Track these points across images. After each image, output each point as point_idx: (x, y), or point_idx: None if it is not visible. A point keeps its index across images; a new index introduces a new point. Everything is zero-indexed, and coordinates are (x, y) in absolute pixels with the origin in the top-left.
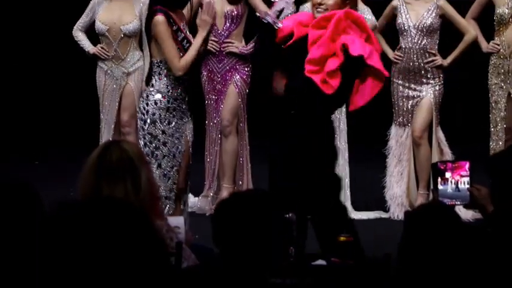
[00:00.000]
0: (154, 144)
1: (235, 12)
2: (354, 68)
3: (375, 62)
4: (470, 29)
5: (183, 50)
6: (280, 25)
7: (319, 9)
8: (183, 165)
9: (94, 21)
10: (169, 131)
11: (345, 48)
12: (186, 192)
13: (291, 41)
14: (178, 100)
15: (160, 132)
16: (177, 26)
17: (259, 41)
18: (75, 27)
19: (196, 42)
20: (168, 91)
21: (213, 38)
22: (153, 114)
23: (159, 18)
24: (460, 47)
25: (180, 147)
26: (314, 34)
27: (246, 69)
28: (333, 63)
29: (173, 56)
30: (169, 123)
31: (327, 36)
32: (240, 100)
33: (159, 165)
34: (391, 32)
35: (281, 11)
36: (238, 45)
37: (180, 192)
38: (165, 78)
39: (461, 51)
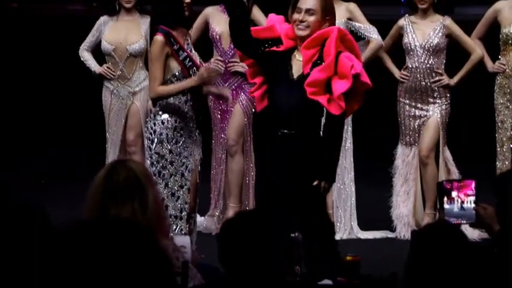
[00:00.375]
0: (161, 164)
1: None
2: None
3: (366, 77)
4: (477, 48)
5: (185, 69)
6: None
7: (300, 26)
8: (192, 183)
9: (100, 41)
10: (176, 150)
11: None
12: (194, 212)
13: (279, 50)
14: (185, 119)
15: (168, 152)
16: (178, 45)
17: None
18: (81, 47)
19: (183, 84)
20: (175, 110)
21: (218, 58)
22: (161, 133)
23: (157, 38)
24: (466, 67)
25: (189, 165)
26: (307, 54)
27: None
28: (342, 86)
29: (154, 78)
30: (176, 142)
31: (332, 60)
32: (245, 119)
33: (167, 185)
34: (397, 51)
35: None
36: (243, 64)
37: (190, 211)
38: (172, 98)
39: (468, 70)
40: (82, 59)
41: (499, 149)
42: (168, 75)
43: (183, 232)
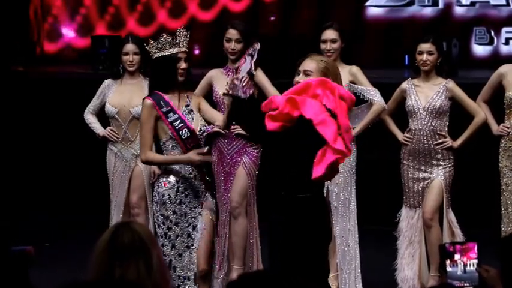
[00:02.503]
0: (166, 225)
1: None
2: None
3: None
4: (480, 111)
5: (174, 130)
6: (250, 92)
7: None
8: (203, 244)
9: (104, 104)
10: (180, 211)
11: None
12: (210, 274)
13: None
14: (188, 179)
15: (172, 213)
16: (169, 107)
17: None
18: (86, 110)
19: (172, 159)
20: (177, 171)
21: None
22: (163, 195)
23: (145, 101)
24: (470, 129)
25: (196, 226)
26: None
27: (255, 151)
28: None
29: (144, 143)
30: (180, 203)
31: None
32: (249, 181)
33: (173, 246)
34: (400, 113)
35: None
36: None
37: (204, 273)
38: None
39: (471, 133)
40: (86, 121)
41: (503, 211)
42: (164, 137)
43: None
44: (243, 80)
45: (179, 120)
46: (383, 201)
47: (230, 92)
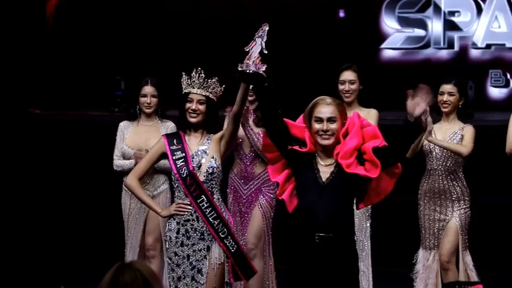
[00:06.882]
0: (170, 267)
1: (262, 135)
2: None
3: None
4: (462, 148)
5: (175, 168)
6: (263, 68)
7: (324, 136)
8: None
9: None
10: (182, 253)
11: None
12: None
13: (302, 150)
14: (190, 221)
15: (173, 255)
16: (180, 146)
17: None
18: (114, 159)
19: (148, 203)
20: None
21: (238, 161)
22: (166, 236)
23: (161, 137)
24: (445, 144)
25: (202, 269)
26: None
27: (271, 191)
28: (373, 143)
29: (136, 168)
30: (182, 244)
31: (358, 127)
32: (264, 223)
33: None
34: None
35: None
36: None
37: None
38: (175, 200)
39: (443, 145)
40: (118, 169)
41: None
42: (172, 174)
43: None
44: (255, 59)
45: (182, 159)
46: (399, 243)
47: (244, 68)
